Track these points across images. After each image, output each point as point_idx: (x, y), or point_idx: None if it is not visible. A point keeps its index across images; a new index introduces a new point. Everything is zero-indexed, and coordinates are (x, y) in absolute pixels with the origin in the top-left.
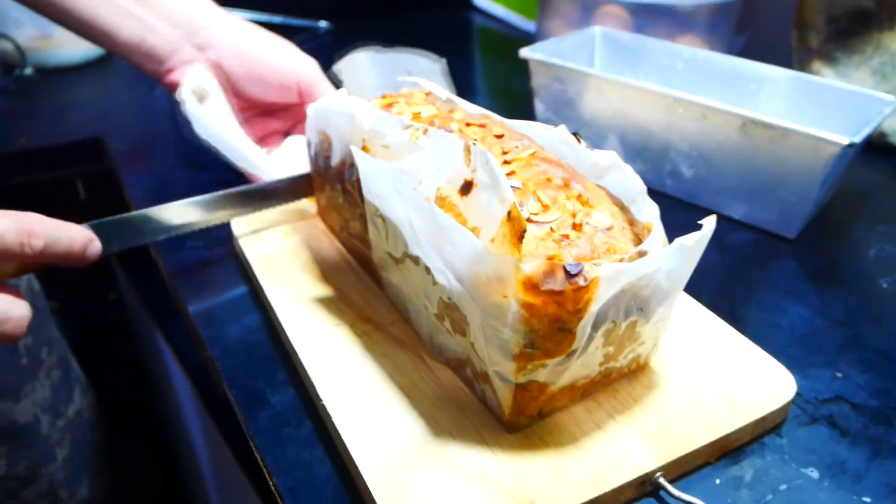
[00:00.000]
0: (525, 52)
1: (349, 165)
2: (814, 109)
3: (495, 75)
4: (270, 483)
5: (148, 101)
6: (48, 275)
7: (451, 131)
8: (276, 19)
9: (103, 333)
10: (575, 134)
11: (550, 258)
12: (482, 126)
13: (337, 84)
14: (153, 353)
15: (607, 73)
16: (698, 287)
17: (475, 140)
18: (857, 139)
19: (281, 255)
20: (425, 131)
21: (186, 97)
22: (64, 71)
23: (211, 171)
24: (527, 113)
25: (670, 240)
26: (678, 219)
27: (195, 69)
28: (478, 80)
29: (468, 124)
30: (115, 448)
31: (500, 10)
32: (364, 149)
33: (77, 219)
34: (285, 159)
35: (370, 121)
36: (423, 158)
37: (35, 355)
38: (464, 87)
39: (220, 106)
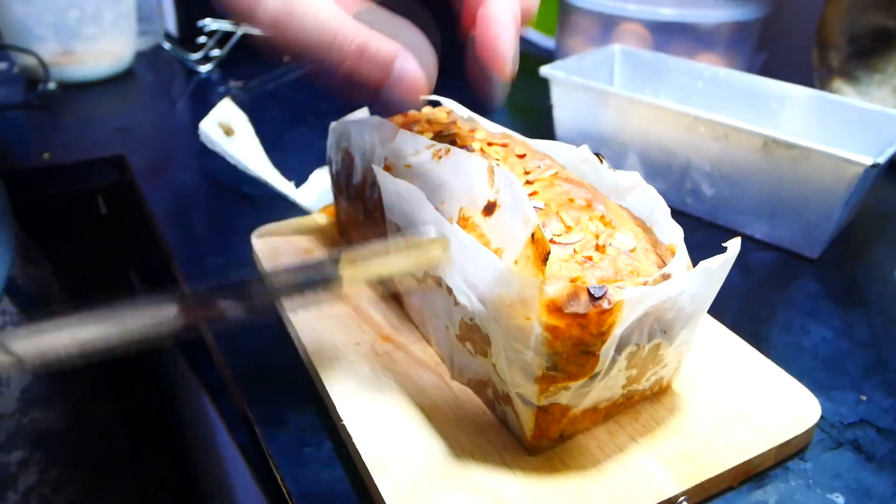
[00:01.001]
0: (545, 70)
1: (371, 184)
2: (835, 129)
3: (515, 93)
4: (290, 503)
5: (169, 115)
6: (68, 286)
7: (473, 150)
8: None
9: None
10: (597, 154)
11: (574, 280)
12: (504, 145)
13: None
14: (174, 369)
15: (627, 92)
16: (721, 308)
17: (498, 160)
18: (881, 160)
19: None
20: (448, 151)
21: (212, 130)
22: (87, 86)
23: (232, 187)
24: (547, 131)
25: (692, 260)
26: (699, 238)
27: (223, 103)
28: None
29: (490, 143)
30: (136, 457)
31: None
32: (386, 168)
33: (98, 233)
34: (315, 190)
35: (392, 139)
36: (446, 178)
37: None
38: (483, 104)
39: (247, 140)
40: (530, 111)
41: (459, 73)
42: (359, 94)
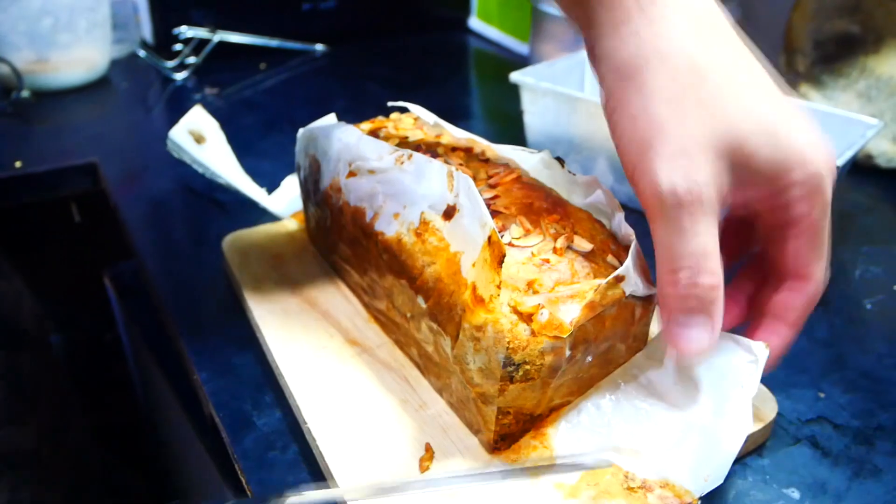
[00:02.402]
0: (515, 76)
1: (337, 189)
2: None
3: (489, 98)
4: None
5: (144, 123)
6: (46, 302)
7: (438, 155)
8: (273, 43)
9: (100, 355)
10: (558, 158)
11: (530, 283)
12: (468, 150)
13: None
14: (148, 377)
15: (597, 97)
16: None
17: (459, 164)
18: (840, 163)
19: (270, 277)
20: (409, 157)
21: (182, 138)
22: (61, 94)
23: (205, 194)
24: (519, 136)
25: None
26: None
27: (193, 111)
28: (472, 102)
29: (454, 149)
30: (110, 472)
31: (494, 33)
32: (351, 173)
33: (72, 241)
34: (287, 196)
35: (357, 145)
36: (408, 183)
37: (37, 382)
38: (458, 109)
39: (219, 147)
40: (504, 116)
41: (435, 79)
42: None
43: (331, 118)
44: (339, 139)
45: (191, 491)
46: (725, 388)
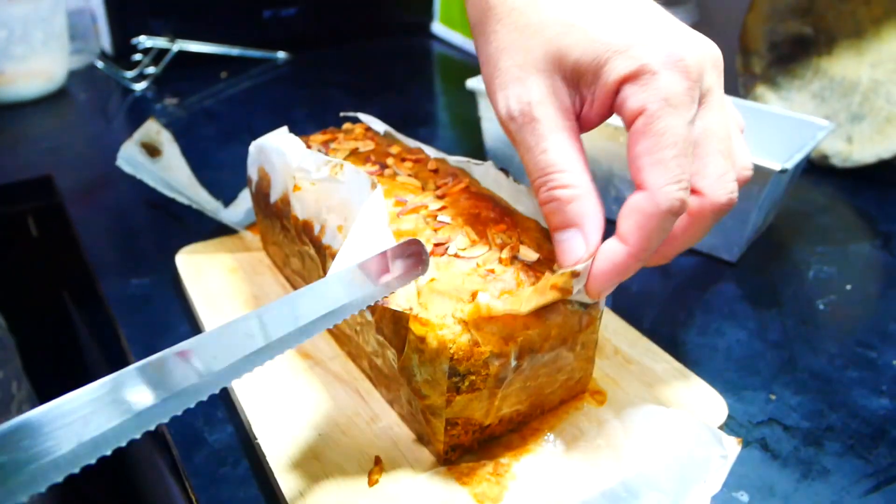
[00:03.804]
0: (471, 83)
1: (286, 202)
2: (756, 135)
3: (452, 103)
4: None
5: (103, 134)
6: (6, 317)
7: (387, 166)
8: (234, 51)
9: (60, 369)
10: (503, 169)
11: (474, 294)
12: (418, 161)
13: None
14: None
15: None
16: (639, 312)
17: (408, 174)
18: (789, 165)
19: (224, 291)
20: (341, 167)
21: (133, 152)
22: (17, 106)
23: (162, 207)
24: (476, 143)
25: None
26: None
27: (146, 124)
28: (435, 108)
29: (404, 159)
30: (76, 485)
31: (457, 38)
32: (295, 186)
33: (30, 256)
34: (243, 208)
35: (298, 158)
36: (344, 194)
37: (6, 389)
38: (420, 115)
39: (173, 159)
40: (466, 122)
41: (398, 85)
42: None
43: (282, 131)
44: (286, 152)
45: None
46: (689, 480)
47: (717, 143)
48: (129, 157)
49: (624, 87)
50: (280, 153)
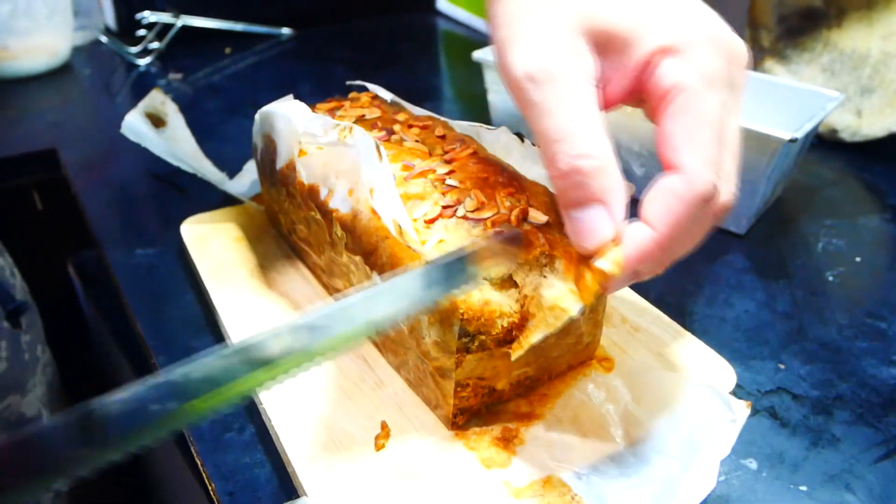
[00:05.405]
0: (478, 55)
1: (292, 168)
2: (765, 107)
3: (457, 79)
4: (210, 488)
5: (107, 109)
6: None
7: (394, 132)
8: (238, 27)
9: (66, 342)
10: (518, 134)
11: None
12: (425, 127)
13: None
14: (116, 364)
15: None
16: (647, 283)
17: (415, 140)
18: (799, 135)
19: (228, 260)
20: (350, 129)
21: (138, 122)
22: (21, 81)
23: (166, 179)
24: (485, 115)
25: None
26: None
27: (151, 94)
28: (440, 83)
29: (411, 125)
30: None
31: (462, 14)
32: (301, 151)
33: (35, 229)
34: (248, 179)
35: (304, 123)
36: (355, 158)
37: (33, 351)
38: (425, 90)
39: (178, 130)
40: (471, 96)
41: (403, 61)
42: None
43: (288, 98)
44: (291, 117)
45: (156, 471)
46: (698, 444)
47: (731, 145)
48: (134, 127)
49: (660, 59)
50: (286, 119)
